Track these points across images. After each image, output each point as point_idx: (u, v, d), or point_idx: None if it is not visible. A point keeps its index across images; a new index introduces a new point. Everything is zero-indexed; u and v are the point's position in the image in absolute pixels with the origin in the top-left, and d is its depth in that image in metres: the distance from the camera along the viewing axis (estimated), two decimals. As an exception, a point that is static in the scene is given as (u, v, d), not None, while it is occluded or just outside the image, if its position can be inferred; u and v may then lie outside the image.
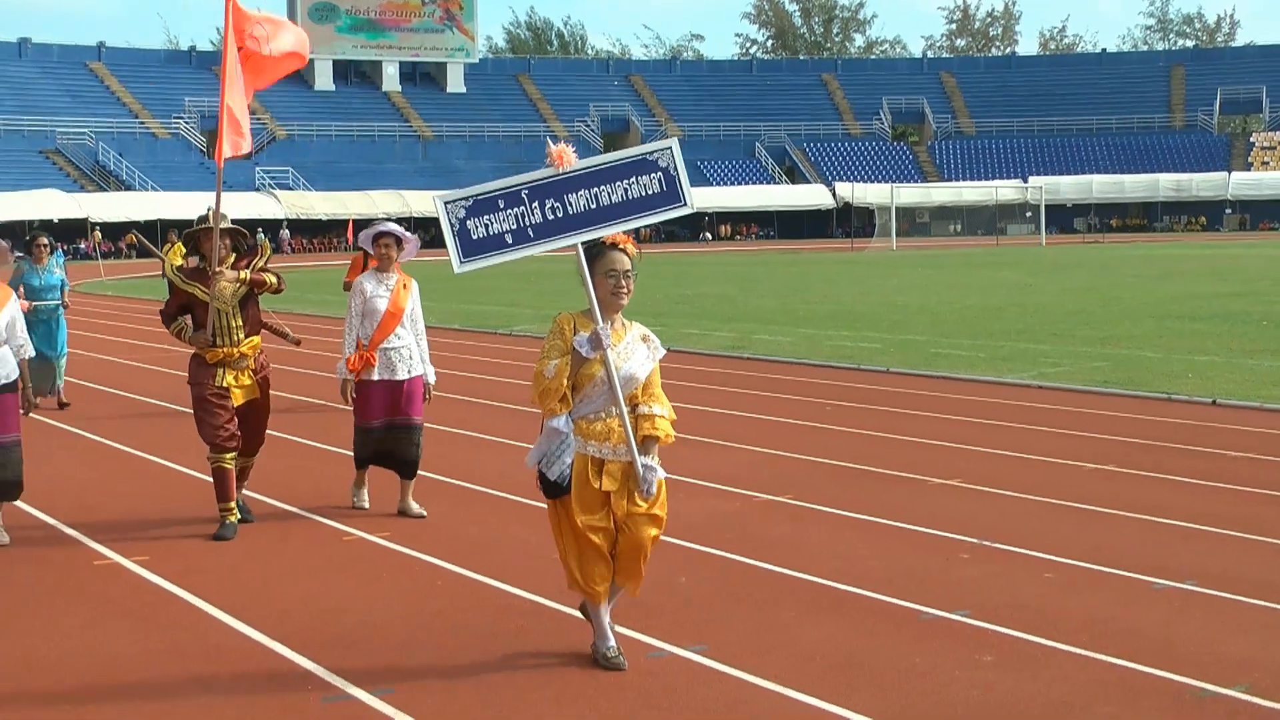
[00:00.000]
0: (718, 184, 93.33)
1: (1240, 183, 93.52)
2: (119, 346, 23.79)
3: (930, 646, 6.63)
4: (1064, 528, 9.09)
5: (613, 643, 6.43)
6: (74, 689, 6.24)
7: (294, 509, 9.84)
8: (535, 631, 6.97)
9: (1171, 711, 5.77)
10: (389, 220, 10.15)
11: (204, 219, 9.29)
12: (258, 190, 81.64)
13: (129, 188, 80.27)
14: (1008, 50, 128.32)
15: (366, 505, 9.84)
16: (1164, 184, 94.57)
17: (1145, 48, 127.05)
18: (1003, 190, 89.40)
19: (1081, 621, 6.97)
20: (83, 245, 67.88)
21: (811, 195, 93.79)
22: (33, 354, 9.39)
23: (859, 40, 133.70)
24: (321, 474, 11.21)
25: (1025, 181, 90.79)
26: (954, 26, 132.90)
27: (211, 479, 9.28)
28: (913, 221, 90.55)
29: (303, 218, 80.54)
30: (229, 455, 9.15)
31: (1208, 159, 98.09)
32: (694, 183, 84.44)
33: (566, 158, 6.41)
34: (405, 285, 9.81)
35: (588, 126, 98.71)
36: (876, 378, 17.65)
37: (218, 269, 9.11)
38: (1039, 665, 6.35)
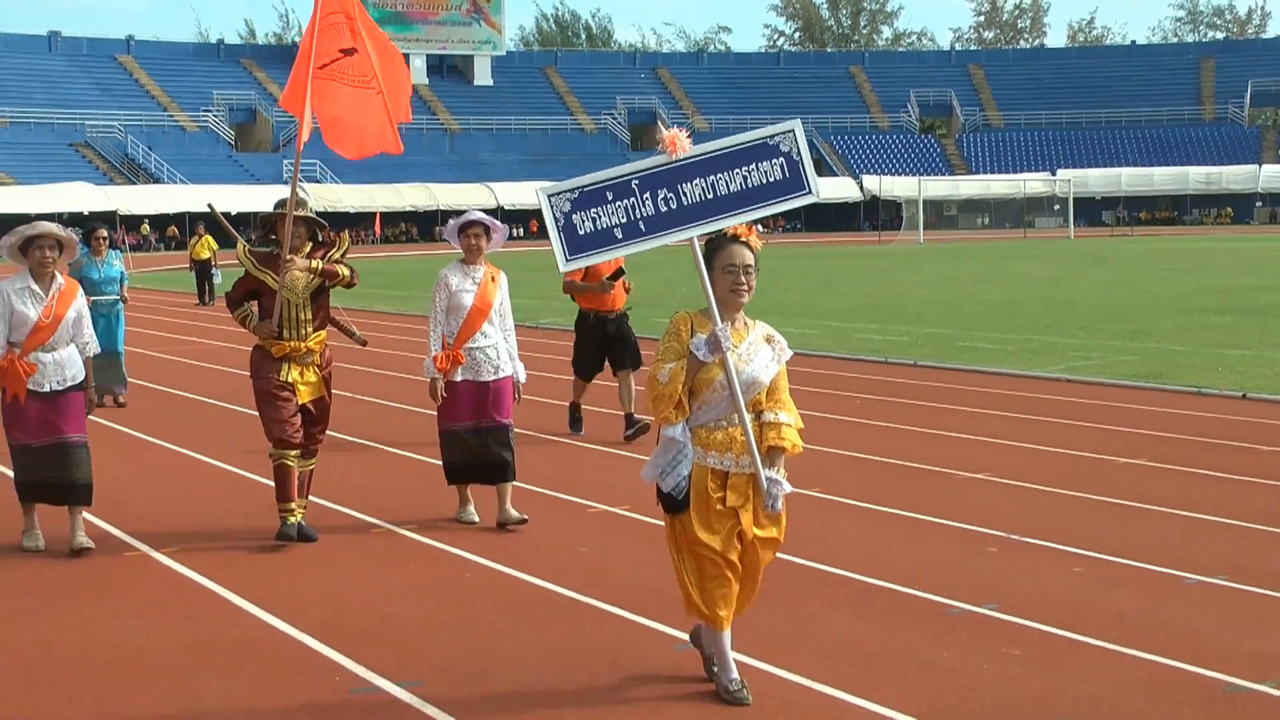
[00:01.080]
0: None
1: (1271, 175, 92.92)
2: (147, 339, 23.87)
3: (957, 640, 6.60)
4: (1093, 522, 9.05)
5: (735, 674, 5.88)
6: (102, 679, 6.26)
7: (322, 502, 9.84)
8: (562, 624, 6.96)
9: (1201, 707, 5.74)
10: (478, 210, 9.40)
11: (282, 204, 8.86)
12: (286, 183, 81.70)
13: (157, 181, 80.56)
14: (1036, 42, 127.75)
15: (476, 519, 9.21)
16: (1193, 177, 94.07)
17: (1175, 40, 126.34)
18: (1030, 183, 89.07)
19: (1110, 616, 6.94)
20: (128, 239, 68.08)
21: (838, 188, 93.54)
22: (98, 351, 9.10)
23: (886, 32, 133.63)
24: (349, 468, 11.22)
25: (1053, 174, 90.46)
26: (982, 19, 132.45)
27: (270, 479, 8.91)
28: (940, 214, 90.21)
29: (330, 210, 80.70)
30: (293, 453, 8.72)
31: (1238, 152, 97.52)
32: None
33: (680, 144, 5.93)
34: (493, 278, 9.23)
35: (614, 119, 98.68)
36: (904, 371, 17.61)
37: (289, 257, 8.61)
38: (1067, 660, 6.32)
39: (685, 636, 6.68)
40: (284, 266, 8.59)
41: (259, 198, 67.70)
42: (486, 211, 9.48)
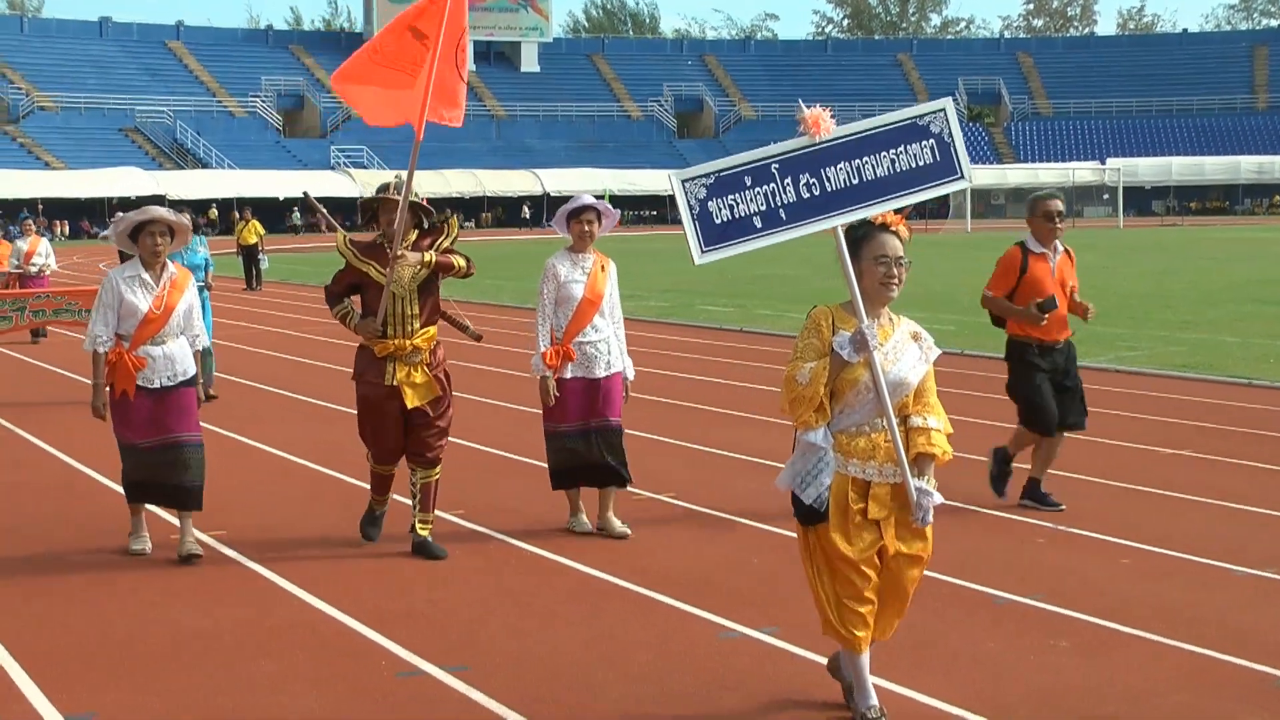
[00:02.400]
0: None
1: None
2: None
3: (1004, 631, 6.59)
4: (1141, 513, 8.99)
5: (874, 700, 5.47)
6: (148, 661, 6.32)
7: (364, 485, 9.85)
8: (607, 611, 6.98)
9: (1248, 700, 5.70)
10: (587, 195, 8.61)
11: (387, 187, 8.20)
12: (333, 169, 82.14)
13: (206, 166, 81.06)
14: (1086, 30, 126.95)
15: (589, 527, 8.60)
16: (1245, 166, 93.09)
17: (1228, 27, 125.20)
18: (1079, 172, 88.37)
19: (1157, 608, 6.90)
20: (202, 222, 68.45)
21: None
22: (208, 344, 8.51)
23: (935, 20, 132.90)
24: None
25: (1103, 163, 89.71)
26: (1031, 6, 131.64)
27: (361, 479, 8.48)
28: (988, 203, 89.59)
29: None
30: (391, 466, 8.28)
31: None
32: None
33: (823, 124, 5.49)
34: (603, 268, 8.49)
35: (661, 106, 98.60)
36: (951, 360, 17.50)
37: (400, 251, 7.89)
38: (1114, 651, 6.29)
39: (732, 625, 6.69)
40: (394, 260, 7.89)
41: (306, 183, 67.98)
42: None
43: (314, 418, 13.44)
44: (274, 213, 68.95)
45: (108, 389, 8.02)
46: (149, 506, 8.43)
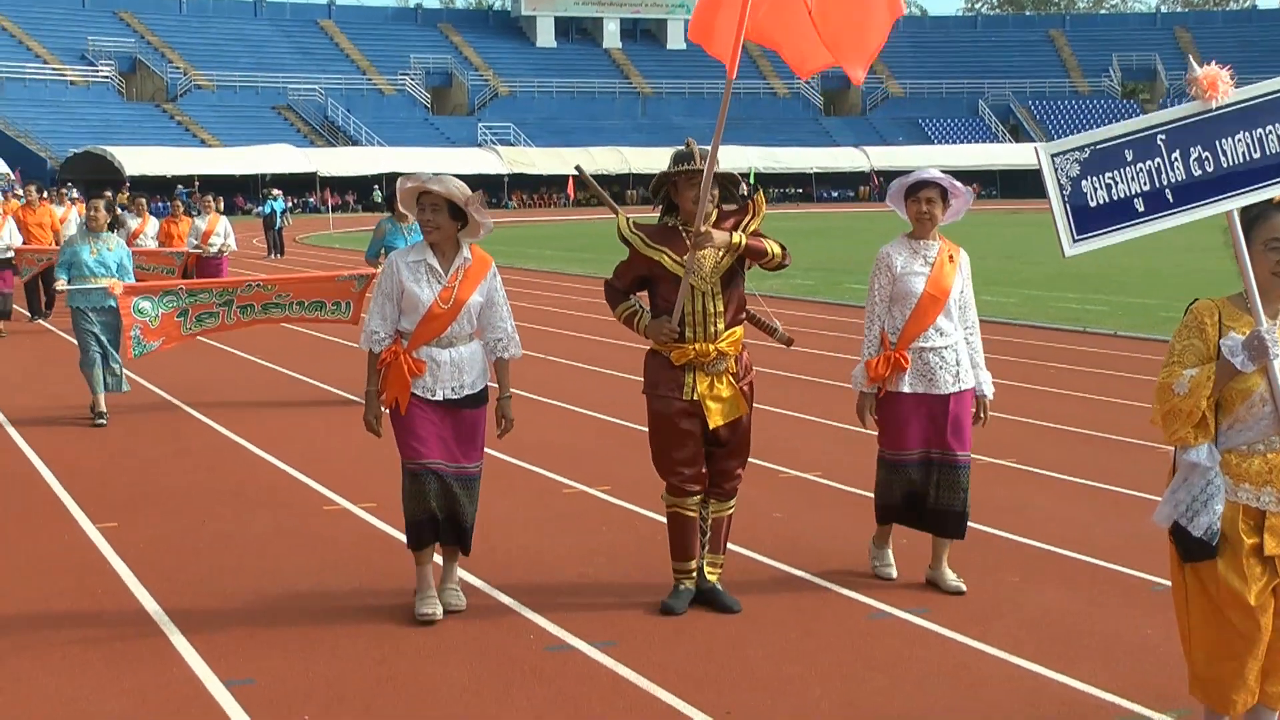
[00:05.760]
0: (939, 142, 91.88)
1: None
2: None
3: (1165, 619, 6.38)
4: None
5: None
6: (301, 630, 6.43)
7: (516, 461, 9.93)
8: (755, 590, 6.93)
9: None
10: (932, 169, 7.07)
11: (689, 157, 6.58)
12: (479, 146, 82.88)
13: (355, 143, 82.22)
14: (1247, 3, 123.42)
15: (894, 575, 7.12)
16: None
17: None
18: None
19: (1324, 598, 6.67)
20: (330, 200, 69.59)
21: (1034, 155, 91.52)
22: (519, 354, 6.76)
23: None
24: (544, 426, 11.29)
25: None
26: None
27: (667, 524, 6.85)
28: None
29: (523, 173, 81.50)
30: (692, 500, 6.67)
31: None
32: (914, 141, 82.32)
33: (1221, 86, 4.62)
34: (951, 257, 6.92)
35: (807, 84, 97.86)
36: (1103, 341, 17.21)
37: (702, 230, 6.40)
38: (1279, 642, 6.09)
39: (880, 605, 6.62)
40: (694, 242, 6.41)
41: (454, 160, 68.74)
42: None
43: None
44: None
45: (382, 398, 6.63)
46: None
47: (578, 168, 8.67)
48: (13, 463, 10.27)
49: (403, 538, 6.72)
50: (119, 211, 13.73)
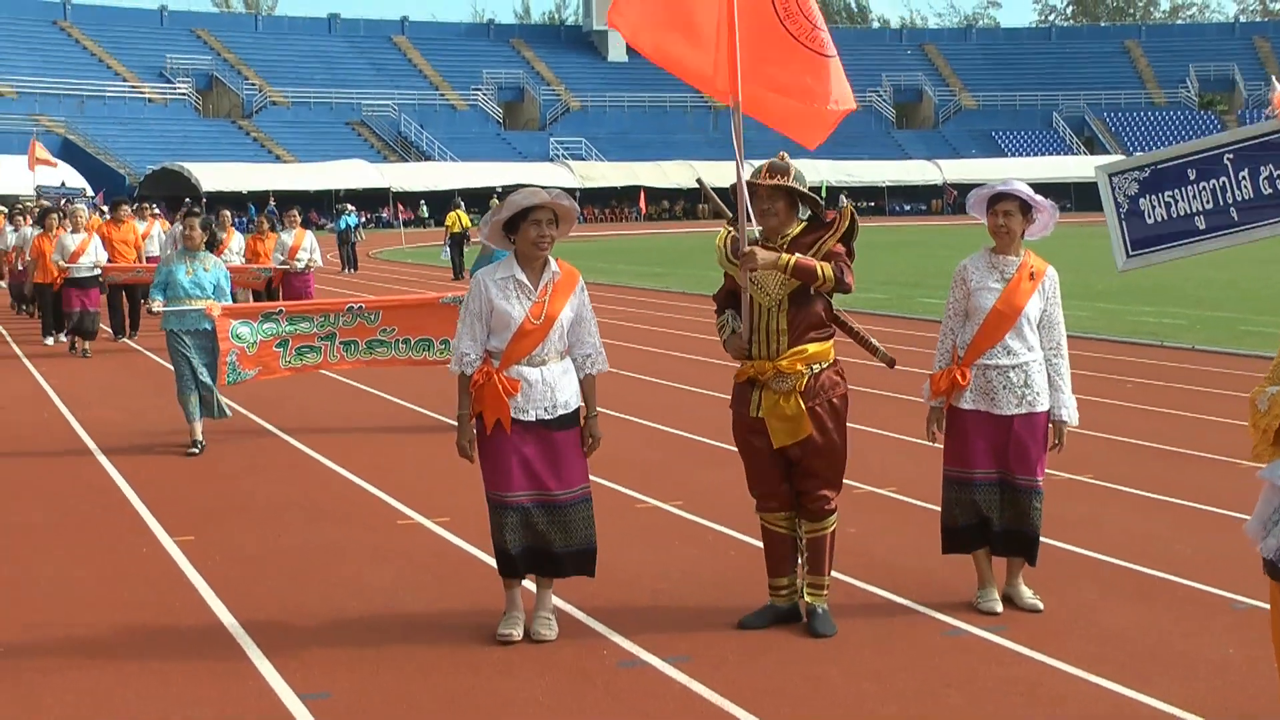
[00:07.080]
0: (1013, 155, 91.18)
1: None
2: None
3: (1246, 637, 6.32)
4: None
5: None
6: (376, 645, 6.46)
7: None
8: (830, 605, 6.89)
9: None
10: (1014, 182, 6.81)
11: (762, 171, 6.50)
12: (551, 161, 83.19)
13: (428, 158, 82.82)
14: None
15: (999, 609, 6.75)
16: None
17: None
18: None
19: None
20: (402, 214, 70.04)
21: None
22: (604, 368, 6.69)
23: (1164, 4, 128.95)
24: (617, 443, 11.27)
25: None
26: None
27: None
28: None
29: (595, 187, 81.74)
30: (778, 515, 6.64)
31: None
32: (988, 154, 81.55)
33: None
34: (1033, 275, 6.71)
35: (880, 97, 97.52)
36: (1181, 355, 17.00)
37: (748, 249, 6.30)
38: (1364, 662, 5.99)
39: (956, 623, 6.56)
40: (741, 262, 6.34)
41: (525, 175, 68.98)
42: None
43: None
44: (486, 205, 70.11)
45: (474, 422, 6.42)
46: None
47: (698, 179, 8.57)
48: (93, 475, 10.42)
49: (477, 552, 6.76)
50: (215, 230, 12.92)
